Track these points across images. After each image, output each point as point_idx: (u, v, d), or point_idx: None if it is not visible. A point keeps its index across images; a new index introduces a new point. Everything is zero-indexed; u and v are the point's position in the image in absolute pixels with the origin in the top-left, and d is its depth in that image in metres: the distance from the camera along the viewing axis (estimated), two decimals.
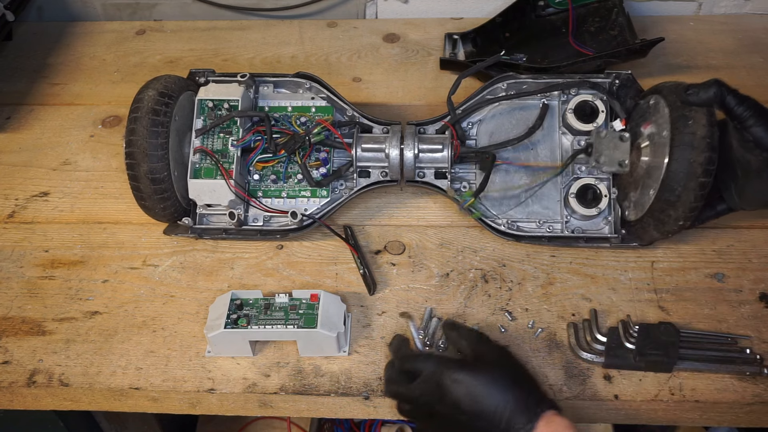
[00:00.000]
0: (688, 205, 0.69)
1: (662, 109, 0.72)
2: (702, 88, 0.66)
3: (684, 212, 0.70)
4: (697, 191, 0.68)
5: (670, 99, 0.71)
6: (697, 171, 0.67)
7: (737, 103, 0.64)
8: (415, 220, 0.84)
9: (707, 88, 0.65)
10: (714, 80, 0.65)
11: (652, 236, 0.75)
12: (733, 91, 0.64)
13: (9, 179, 0.91)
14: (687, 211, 0.69)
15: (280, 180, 0.81)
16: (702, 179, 0.68)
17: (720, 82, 0.65)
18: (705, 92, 0.65)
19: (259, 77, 0.84)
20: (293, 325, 0.68)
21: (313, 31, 1.11)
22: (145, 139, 0.74)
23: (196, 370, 0.71)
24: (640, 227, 0.75)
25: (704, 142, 0.67)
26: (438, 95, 0.98)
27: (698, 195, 0.68)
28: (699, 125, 0.68)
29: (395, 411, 0.67)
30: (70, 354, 0.73)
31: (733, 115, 0.64)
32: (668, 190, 0.69)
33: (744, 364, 0.68)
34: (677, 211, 0.70)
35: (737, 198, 0.70)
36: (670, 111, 0.70)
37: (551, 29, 1.01)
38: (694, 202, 0.69)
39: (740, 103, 0.64)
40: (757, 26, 1.07)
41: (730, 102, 0.64)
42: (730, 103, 0.64)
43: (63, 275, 0.80)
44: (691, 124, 0.68)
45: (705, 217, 0.74)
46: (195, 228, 0.80)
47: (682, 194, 0.69)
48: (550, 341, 0.72)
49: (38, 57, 1.09)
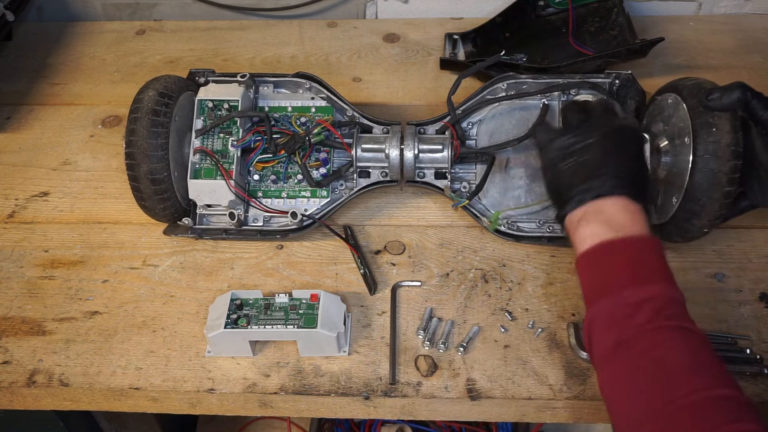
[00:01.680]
0: (713, 213, 0.68)
1: (682, 111, 0.69)
2: (725, 93, 0.63)
3: (709, 221, 0.69)
4: (722, 200, 0.67)
5: (691, 103, 0.68)
6: (722, 181, 0.66)
7: (763, 108, 0.61)
8: (415, 220, 0.84)
9: (730, 92, 0.62)
10: (738, 84, 0.62)
11: (676, 240, 0.74)
12: (758, 95, 0.61)
13: (9, 179, 0.91)
14: (712, 219, 0.68)
15: (280, 180, 0.81)
16: (727, 188, 0.66)
17: (744, 85, 0.62)
18: (728, 97, 0.62)
19: (259, 77, 0.84)
20: (293, 325, 0.68)
21: (313, 31, 1.11)
22: (145, 140, 0.74)
23: (196, 370, 0.71)
24: (663, 233, 0.74)
25: (729, 150, 0.65)
26: (438, 95, 0.98)
27: (723, 204, 0.67)
28: (723, 132, 0.65)
29: (395, 411, 0.67)
30: (70, 354, 0.73)
31: (757, 120, 0.62)
32: (692, 200, 0.68)
33: (744, 364, 0.68)
34: (702, 220, 0.69)
35: (761, 196, 0.68)
36: (692, 117, 0.68)
37: (551, 29, 1.01)
38: (718, 210, 0.68)
39: (766, 107, 0.61)
40: (758, 26, 1.07)
41: (755, 107, 0.61)
42: (755, 108, 0.61)
43: (63, 275, 0.80)
44: (715, 132, 0.65)
45: (728, 215, 0.71)
46: (195, 228, 0.80)
47: (706, 204, 0.67)
48: (550, 341, 0.72)
49: (38, 57, 1.09)
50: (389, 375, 0.69)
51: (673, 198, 0.70)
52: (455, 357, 0.71)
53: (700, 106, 0.66)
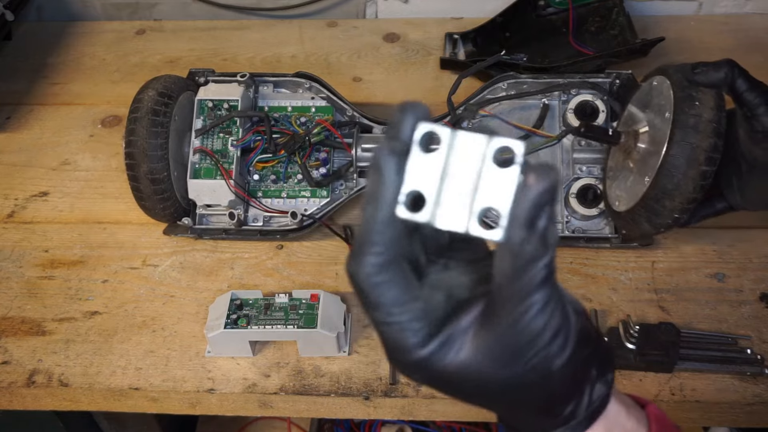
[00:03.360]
0: (686, 195, 0.63)
1: (666, 90, 0.66)
2: (712, 67, 0.60)
3: (681, 203, 0.63)
4: (698, 180, 0.62)
5: (676, 78, 0.65)
6: (700, 158, 0.61)
7: (748, 88, 0.58)
8: None
9: (718, 67, 0.59)
10: (726, 60, 0.59)
11: (642, 229, 0.69)
12: (745, 73, 0.58)
13: (8, 179, 0.91)
14: (684, 202, 0.63)
15: (280, 180, 0.81)
16: (704, 168, 0.61)
17: (733, 62, 0.58)
18: (715, 72, 0.59)
19: (258, 77, 0.84)
20: (293, 325, 0.68)
21: (313, 31, 1.10)
22: (144, 140, 0.74)
23: (196, 371, 0.71)
24: (630, 219, 0.69)
25: (710, 126, 0.61)
26: (438, 95, 0.98)
27: (698, 185, 0.62)
28: (706, 108, 0.62)
29: (395, 411, 0.67)
30: (69, 354, 0.72)
31: (742, 100, 0.58)
32: (666, 176, 0.63)
33: (744, 365, 0.68)
34: (674, 201, 0.63)
35: (740, 196, 0.65)
36: (675, 91, 0.64)
37: (552, 29, 1.01)
38: (693, 192, 0.63)
39: (752, 88, 0.57)
40: (758, 26, 1.07)
41: (740, 86, 0.58)
42: (740, 87, 0.58)
43: (62, 275, 0.80)
44: (698, 105, 0.62)
45: (702, 215, 0.68)
46: (195, 228, 0.80)
47: (681, 182, 0.62)
48: None
49: (38, 57, 1.09)
50: (389, 375, 0.69)
51: (645, 177, 0.66)
52: None
53: (685, 79, 0.63)
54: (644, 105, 0.71)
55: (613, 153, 0.76)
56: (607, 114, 0.78)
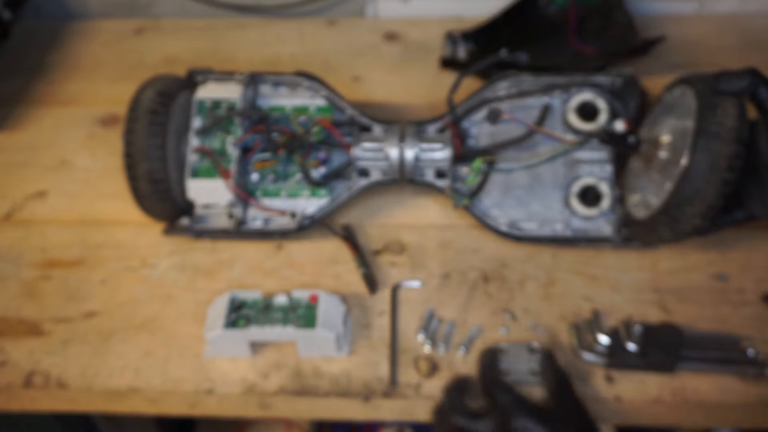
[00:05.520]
0: (707, 201, 0.64)
1: (688, 99, 0.67)
2: (735, 76, 0.61)
3: (701, 210, 0.64)
4: (720, 187, 0.63)
5: (699, 86, 0.66)
6: (722, 165, 0.62)
7: None
8: (415, 220, 0.83)
9: (741, 76, 0.60)
10: (750, 69, 0.60)
11: (663, 236, 0.70)
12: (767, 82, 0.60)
13: (6, 179, 0.90)
14: (705, 209, 0.64)
15: (279, 180, 0.81)
16: (726, 175, 0.62)
17: (756, 71, 0.60)
18: (738, 81, 0.60)
19: (257, 76, 0.83)
20: (293, 326, 0.68)
21: (312, 30, 1.10)
22: (143, 140, 0.73)
23: (195, 371, 0.70)
24: (650, 226, 0.71)
25: (732, 134, 0.62)
26: (438, 94, 0.98)
27: (720, 192, 0.63)
28: (728, 115, 0.62)
29: (395, 412, 0.67)
30: (67, 355, 0.72)
31: (764, 109, 0.60)
32: (688, 182, 0.64)
33: (746, 365, 0.68)
34: (694, 207, 0.64)
35: (761, 205, 0.65)
36: (698, 99, 0.65)
37: (552, 28, 1.01)
38: (714, 199, 0.63)
39: None
40: (759, 25, 1.07)
41: (763, 94, 0.59)
42: (762, 96, 0.59)
43: (61, 275, 0.79)
44: (720, 113, 0.63)
45: (721, 224, 0.69)
46: (194, 228, 0.79)
47: (702, 189, 0.63)
48: (551, 342, 0.71)
49: (35, 55, 1.08)
50: (389, 376, 0.69)
51: (667, 184, 0.67)
52: (456, 358, 0.71)
53: (708, 88, 0.65)
54: (666, 113, 0.72)
55: (632, 161, 0.76)
56: (608, 113, 0.78)
